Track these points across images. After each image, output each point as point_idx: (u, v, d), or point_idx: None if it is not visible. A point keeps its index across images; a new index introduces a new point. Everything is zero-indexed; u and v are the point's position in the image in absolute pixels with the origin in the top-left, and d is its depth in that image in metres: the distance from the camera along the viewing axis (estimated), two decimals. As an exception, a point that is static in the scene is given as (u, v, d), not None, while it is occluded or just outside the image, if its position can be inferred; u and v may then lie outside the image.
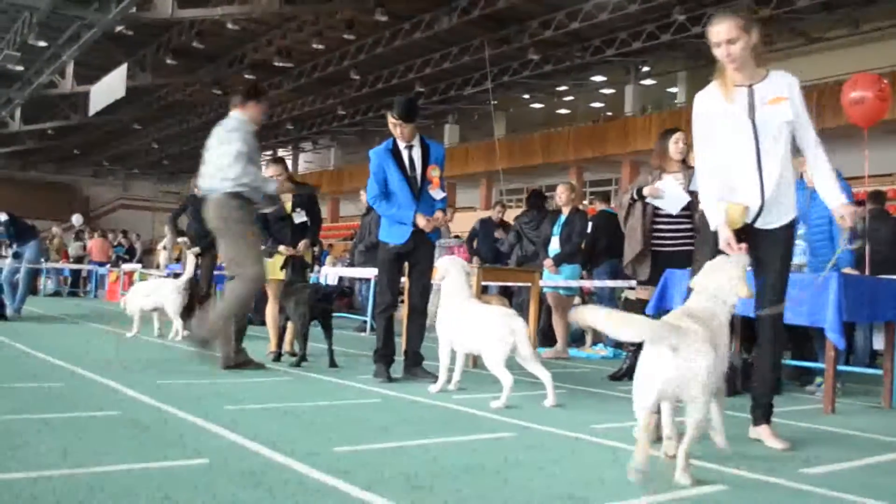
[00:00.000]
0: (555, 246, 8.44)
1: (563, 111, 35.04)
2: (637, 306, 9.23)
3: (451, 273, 5.21)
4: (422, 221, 5.63)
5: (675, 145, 6.10)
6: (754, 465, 3.26)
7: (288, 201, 7.39)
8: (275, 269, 7.09)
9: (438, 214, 5.73)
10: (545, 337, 8.74)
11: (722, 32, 3.64)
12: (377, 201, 5.75)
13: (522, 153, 30.45)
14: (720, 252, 3.55)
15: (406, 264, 5.90)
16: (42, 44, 24.12)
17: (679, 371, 2.88)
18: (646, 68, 28.51)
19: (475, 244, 11.31)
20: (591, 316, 2.96)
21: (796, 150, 3.80)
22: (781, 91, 3.70)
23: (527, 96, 33.31)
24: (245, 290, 5.81)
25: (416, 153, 5.77)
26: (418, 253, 5.78)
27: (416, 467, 3.00)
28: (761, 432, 3.82)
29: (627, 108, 28.87)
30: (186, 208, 9.33)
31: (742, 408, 3.89)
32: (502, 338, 4.69)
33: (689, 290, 3.38)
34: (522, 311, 8.21)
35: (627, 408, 3.76)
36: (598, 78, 30.10)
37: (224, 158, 5.71)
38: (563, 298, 8.56)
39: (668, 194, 5.93)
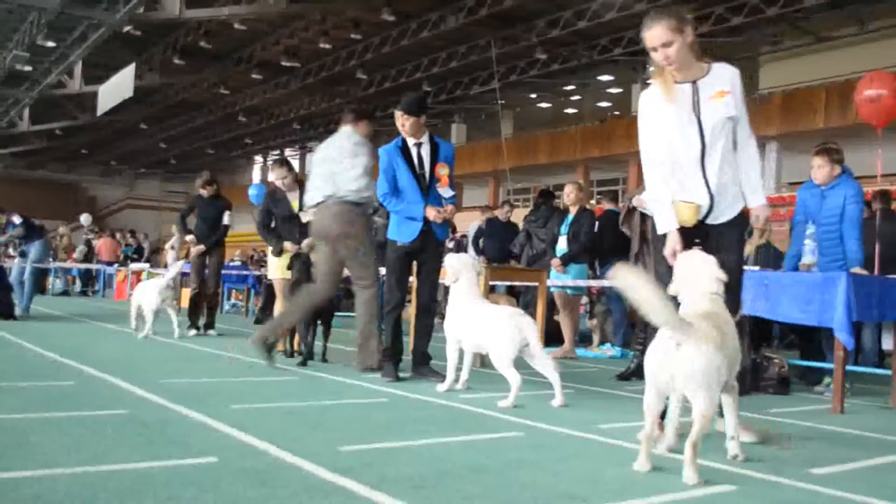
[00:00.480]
0: (562, 245, 8.44)
1: (570, 110, 34.98)
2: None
3: (463, 273, 5.20)
4: (432, 213, 5.63)
5: None
6: (762, 465, 3.24)
7: (295, 200, 7.43)
8: (282, 267, 7.12)
9: (449, 207, 5.73)
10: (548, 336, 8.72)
11: (655, 37, 3.60)
12: (387, 198, 5.74)
13: (529, 152, 30.41)
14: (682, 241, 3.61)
15: (414, 263, 5.89)
16: (50, 44, 24.17)
17: (675, 366, 2.96)
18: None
19: (481, 243, 11.29)
20: (629, 279, 2.94)
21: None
22: (724, 84, 3.66)
23: (534, 95, 33.23)
24: (373, 294, 5.93)
25: (425, 151, 5.77)
26: (427, 252, 5.77)
27: (423, 466, 3.00)
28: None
29: (634, 107, 28.74)
30: (193, 208, 9.34)
31: (748, 407, 3.86)
32: (511, 337, 4.68)
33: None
34: (529, 310, 8.19)
35: (634, 408, 3.75)
36: (606, 77, 30.03)
37: (353, 170, 5.87)
38: (570, 298, 8.55)
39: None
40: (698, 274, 3.31)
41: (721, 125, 3.64)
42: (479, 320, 4.94)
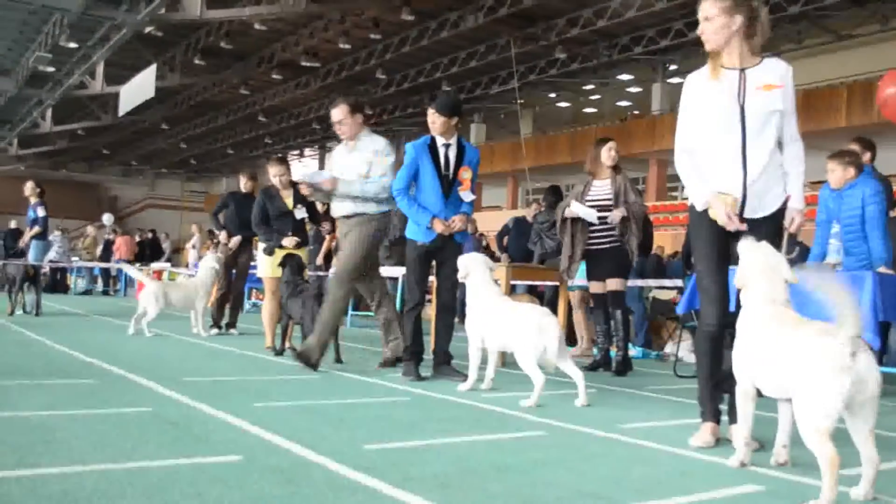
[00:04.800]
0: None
1: (589, 110, 34.93)
2: (666, 306, 9.15)
3: (474, 270, 5.18)
4: (439, 226, 5.60)
5: (607, 153, 6.82)
6: (790, 466, 3.21)
7: (289, 197, 7.52)
8: (273, 266, 7.21)
9: (456, 218, 5.66)
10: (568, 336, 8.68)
11: (701, 9, 3.57)
12: (401, 194, 5.68)
13: (549, 152, 30.40)
14: (719, 237, 3.53)
15: (434, 262, 5.87)
16: (73, 45, 24.41)
17: (868, 373, 2.72)
18: (673, 66, 28.27)
19: (505, 242, 11.25)
20: (817, 278, 2.77)
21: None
22: (775, 79, 3.55)
23: (553, 95, 33.22)
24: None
25: (452, 152, 5.74)
26: (446, 251, 5.75)
27: (446, 465, 3.00)
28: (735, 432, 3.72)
29: (654, 106, 28.69)
30: (227, 205, 9.27)
31: (766, 406, 3.81)
32: (536, 336, 4.66)
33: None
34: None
35: (657, 407, 3.74)
36: (625, 76, 29.95)
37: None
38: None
39: (581, 213, 6.70)
40: (770, 275, 3.12)
41: (765, 117, 3.52)
42: (504, 319, 4.93)
